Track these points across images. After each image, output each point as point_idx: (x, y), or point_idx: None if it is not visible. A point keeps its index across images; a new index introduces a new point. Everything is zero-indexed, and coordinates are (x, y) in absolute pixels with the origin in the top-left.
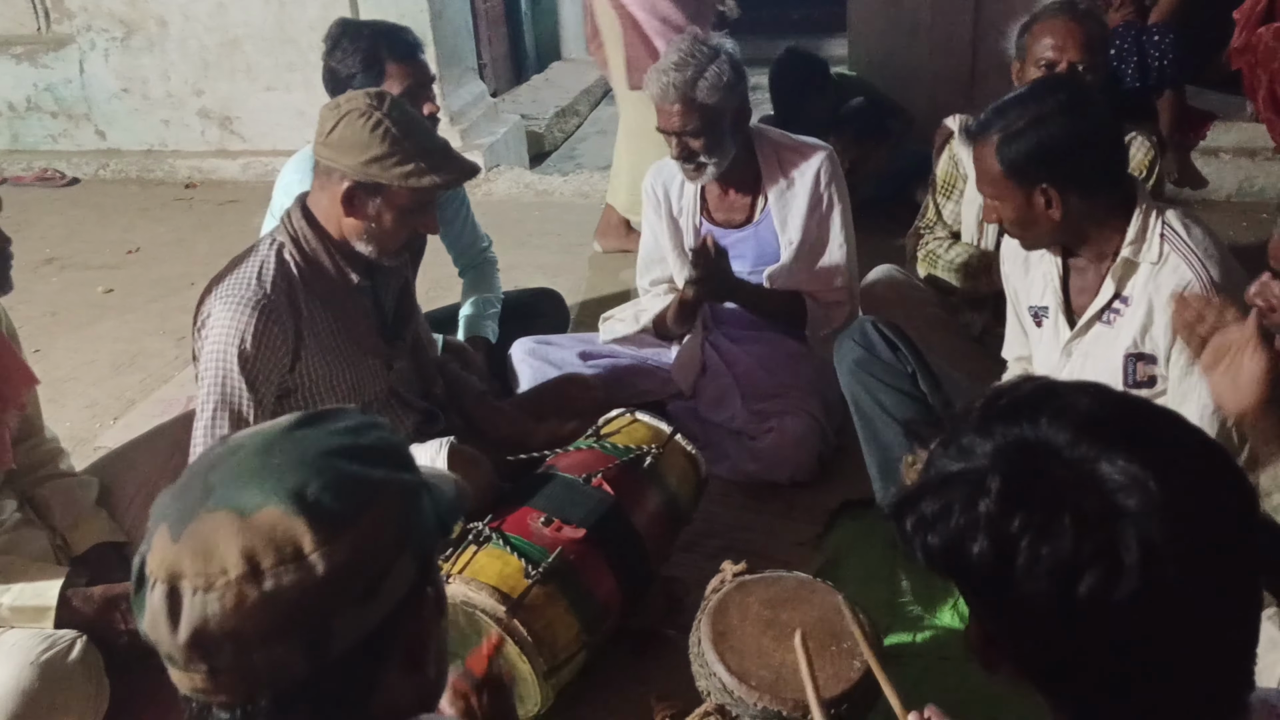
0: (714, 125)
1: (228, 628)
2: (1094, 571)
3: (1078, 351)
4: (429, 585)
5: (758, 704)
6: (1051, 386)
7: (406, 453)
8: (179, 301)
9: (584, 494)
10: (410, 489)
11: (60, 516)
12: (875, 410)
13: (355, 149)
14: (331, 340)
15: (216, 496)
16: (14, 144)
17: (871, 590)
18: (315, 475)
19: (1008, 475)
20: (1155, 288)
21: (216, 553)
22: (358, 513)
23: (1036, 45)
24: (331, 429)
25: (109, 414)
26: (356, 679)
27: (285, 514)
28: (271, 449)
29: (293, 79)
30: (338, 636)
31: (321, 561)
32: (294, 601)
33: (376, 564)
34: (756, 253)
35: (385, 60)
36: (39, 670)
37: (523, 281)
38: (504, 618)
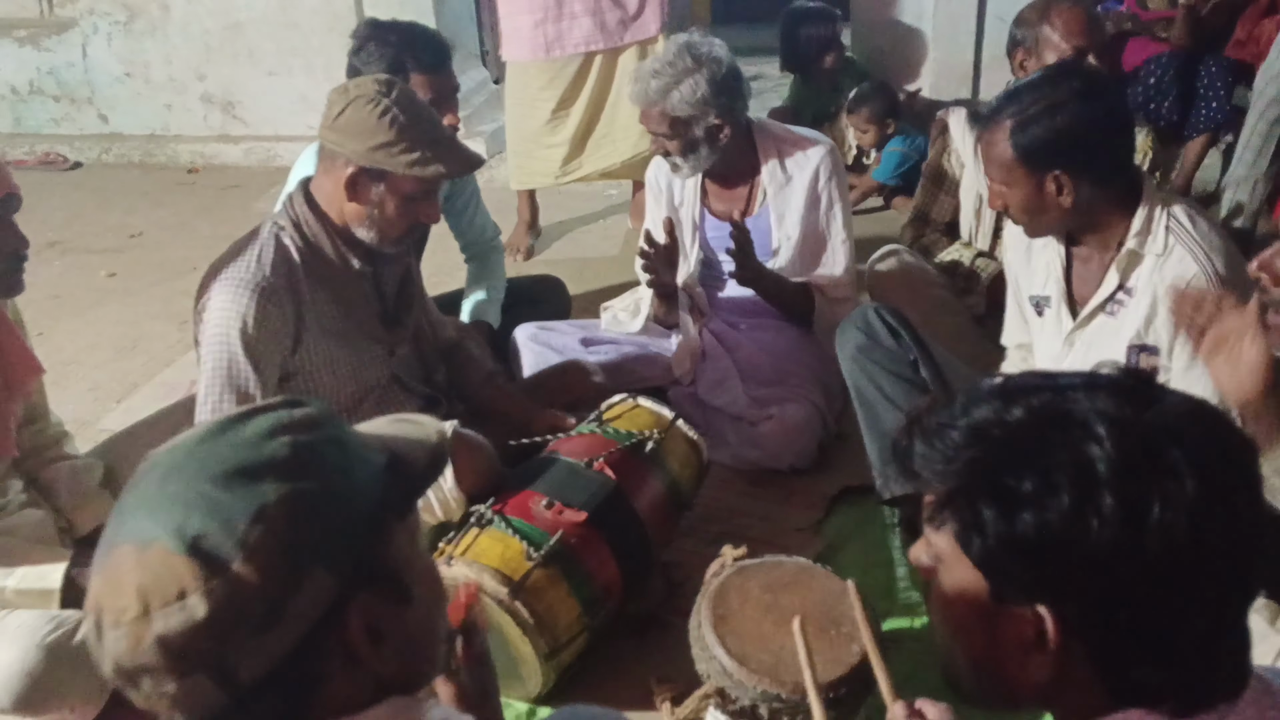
0: (685, 134)
1: (137, 663)
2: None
3: (1080, 342)
4: (365, 585)
5: (757, 687)
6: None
7: (317, 452)
8: (181, 285)
9: (586, 478)
10: (310, 499)
11: (65, 499)
12: (877, 397)
13: (362, 134)
14: (333, 325)
15: (126, 526)
16: (16, 127)
17: (870, 576)
18: (199, 506)
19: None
20: (1160, 279)
21: (121, 589)
22: (238, 546)
23: (1055, 34)
24: (237, 440)
25: (112, 397)
26: (286, 696)
27: (170, 552)
28: (172, 473)
29: (295, 64)
30: (242, 667)
31: (203, 603)
32: (184, 643)
33: (269, 594)
34: (755, 245)
35: (410, 70)
36: (45, 652)
37: (524, 268)
38: (506, 600)
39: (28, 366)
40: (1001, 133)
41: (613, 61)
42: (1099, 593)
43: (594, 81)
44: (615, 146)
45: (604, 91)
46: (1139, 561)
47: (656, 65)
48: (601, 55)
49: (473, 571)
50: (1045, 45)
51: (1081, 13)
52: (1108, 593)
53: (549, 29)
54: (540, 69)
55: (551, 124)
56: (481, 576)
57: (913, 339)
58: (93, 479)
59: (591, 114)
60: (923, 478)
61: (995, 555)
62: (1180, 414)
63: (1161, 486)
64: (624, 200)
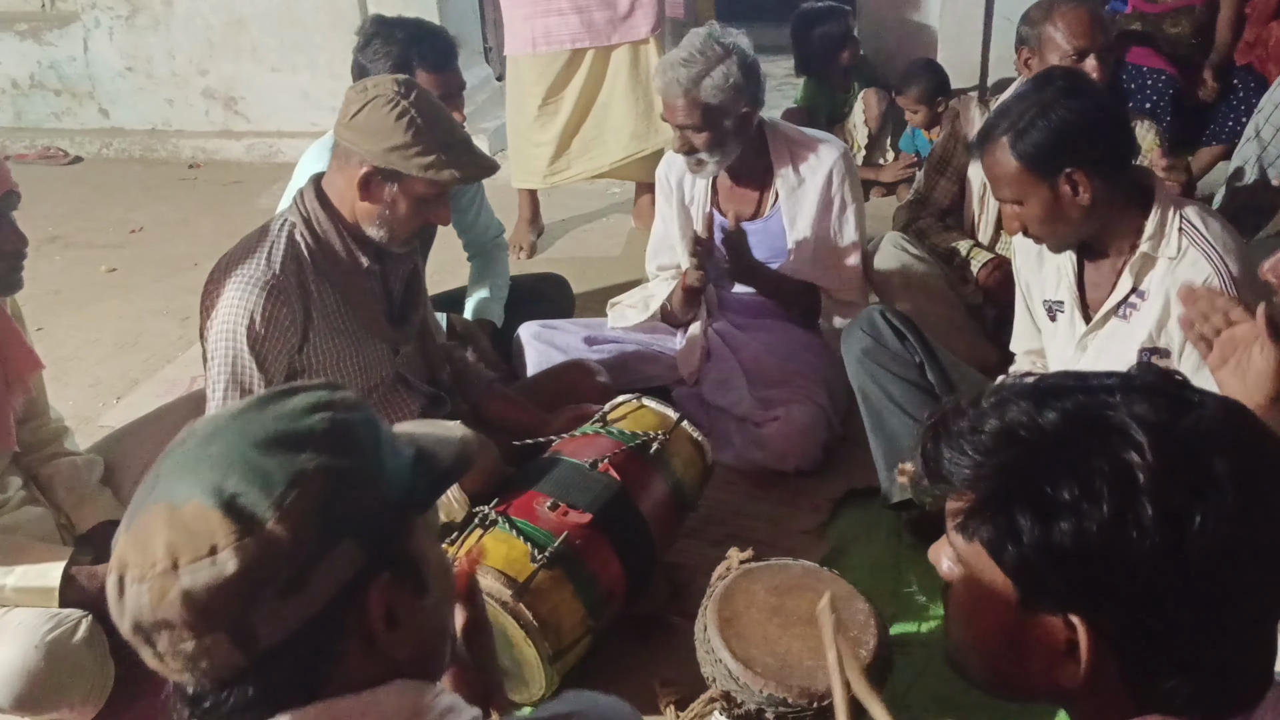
0: (716, 124)
1: (157, 618)
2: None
3: (1093, 346)
4: (388, 567)
5: (763, 690)
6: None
7: (355, 432)
8: (183, 282)
9: (590, 479)
10: (343, 475)
11: (64, 495)
12: (882, 400)
13: (378, 135)
14: (340, 323)
15: (160, 487)
16: (17, 121)
17: (876, 579)
18: (239, 468)
19: (1156, 437)
20: (1173, 282)
21: (150, 545)
22: (273, 507)
23: (1058, 34)
24: (279, 412)
25: (112, 393)
26: (301, 665)
27: (205, 508)
28: (214, 438)
29: (298, 60)
30: (262, 630)
31: (233, 559)
32: (209, 599)
33: (297, 559)
34: (766, 247)
35: (416, 67)
36: (45, 650)
37: (526, 267)
38: (510, 602)
39: (27, 361)
40: (1001, 150)
41: (604, 61)
42: (1135, 603)
43: (583, 80)
44: (606, 149)
45: (594, 91)
46: (1178, 572)
47: (684, 54)
48: (591, 53)
49: (477, 573)
50: (1048, 45)
51: (1085, 13)
52: (1144, 603)
53: (536, 24)
54: (531, 63)
55: (539, 120)
56: (485, 578)
57: (919, 342)
58: (92, 476)
59: (580, 113)
60: (948, 483)
61: (1030, 564)
62: (1219, 420)
63: (1203, 496)
64: (627, 199)
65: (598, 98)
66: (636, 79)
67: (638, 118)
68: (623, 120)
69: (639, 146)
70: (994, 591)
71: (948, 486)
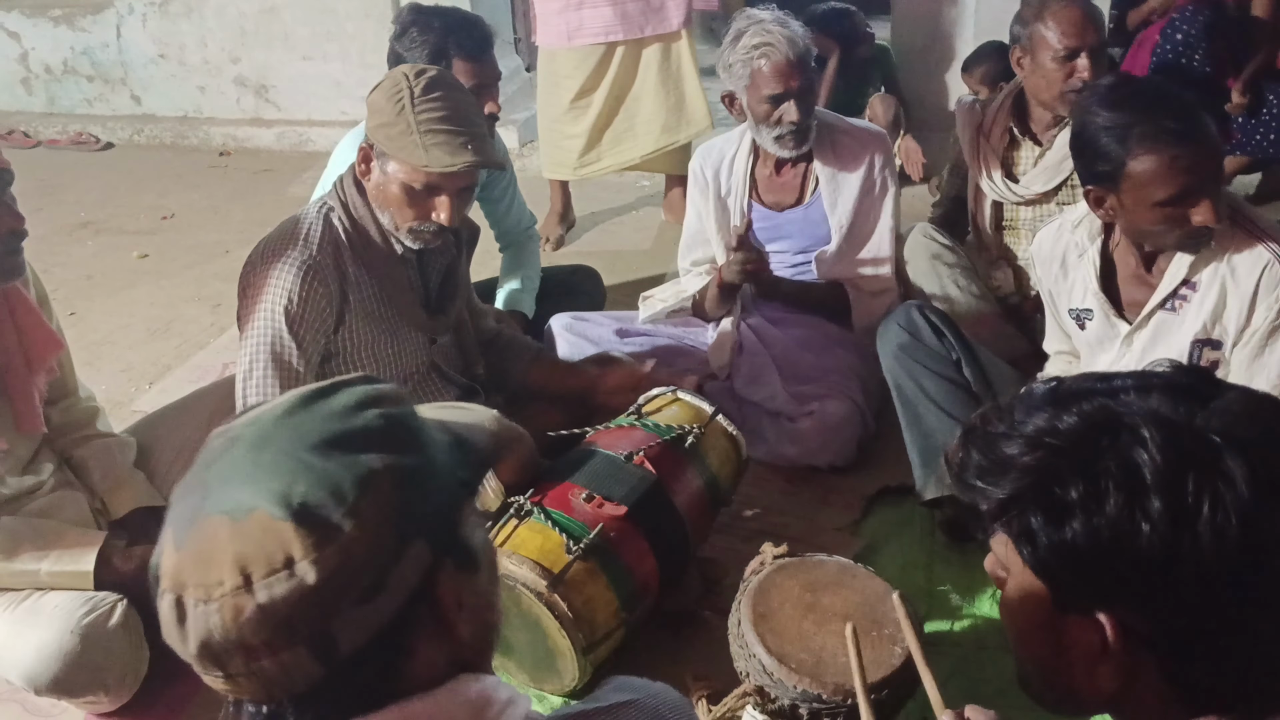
0: (815, 87)
1: (231, 639)
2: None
3: (1139, 341)
4: (450, 555)
5: (797, 686)
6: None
7: (409, 426)
8: (214, 269)
9: (626, 472)
10: (409, 473)
11: (99, 479)
12: (919, 396)
13: (374, 112)
14: (375, 308)
15: (212, 499)
16: (50, 107)
17: (909, 578)
18: (304, 474)
19: (1164, 433)
20: (1230, 269)
21: (213, 562)
22: (348, 515)
23: (1050, 33)
24: (327, 411)
25: (145, 379)
26: (377, 669)
27: (274, 519)
28: (264, 443)
29: (330, 49)
30: (343, 639)
31: (313, 570)
32: (290, 612)
33: (376, 562)
34: (805, 234)
35: (452, 57)
36: (80, 634)
37: (556, 259)
38: (544, 592)
39: (49, 343)
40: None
41: (636, 54)
42: (1157, 598)
43: (615, 72)
44: (636, 141)
45: (626, 84)
46: (1194, 565)
47: (769, 23)
48: (624, 47)
49: (512, 563)
50: (1040, 44)
51: (1078, 12)
52: (1166, 598)
53: (571, 16)
54: (565, 56)
55: (571, 113)
56: (520, 569)
57: (956, 339)
58: (127, 458)
59: (612, 106)
60: (978, 488)
61: (1049, 563)
62: (1235, 411)
63: (1212, 488)
64: (657, 192)
65: (630, 91)
66: (668, 72)
67: (668, 111)
68: (654, 113)
69: (669, 139)
70: (1031, 594)
71: (978, 493)
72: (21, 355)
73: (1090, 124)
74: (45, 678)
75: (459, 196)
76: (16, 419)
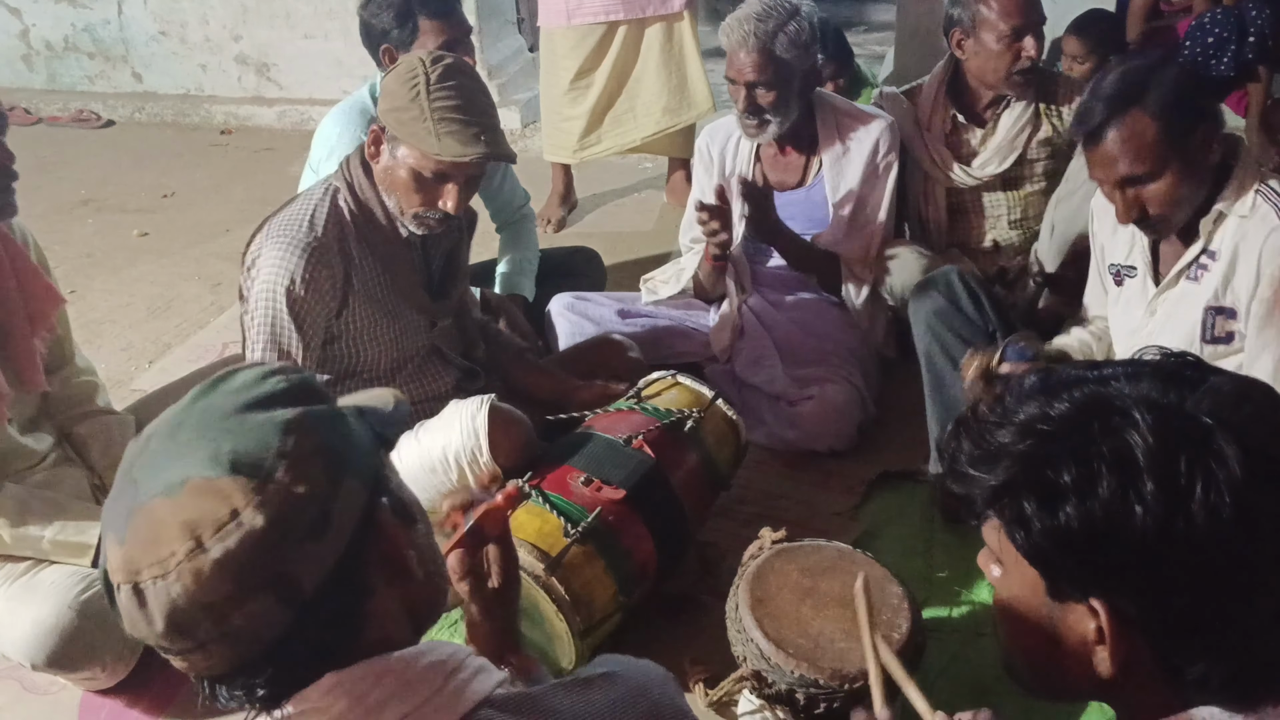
0: (785, 82)
1: (197, 602)
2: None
3: (1162, 309)
4: (383, 498)
5: (794, 671)
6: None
7: (316, 387)
8: (214, 247)
9: (625, 455)
10: (327, 417)
11: (99, 456)
12: (946, 366)
13: (387, 96)
14: (378, 290)
15: (143, 489)
16: (51, 84)
17: (908, 563)
18: (226, 436)
19: (1156, 416)
20: (1242, 236)
21: (161, 540)
22: (278, 456)
23: (992, 13)
24: (229, 389)
25: (145, 357)
26: (342, 609)
27: (210, 480)
28: (178, 428)
29: (332, 27)
30: (304, 577)
31: (259, 514)
32: (247, 559)
33: (316, 498)
34: (806, 216)
35: (419, 15)
36: (77, 610)
37: (557, 240)
38: (542, 575)
39: (48, 297)
40: (1134, 120)
41: (638, 35)
42: (1151, 581)
43: (616, 53)
44: (637, 123)
45: (628, 65)
46: (1188, 547)
47: (758, 9)
48: (625, 27)
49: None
50: (983, 25)
51: None
52: (1161, 581)
53: None
54: (564, 35)
55: (571, 94)
56: (518, 552)
57: (994, 308)
58: (126, 436)
59: (613, 88)
60: (971, 476)
61: (1043, 549)
62: (1225, 394)
63: (1204, 470)
64: (659, 174)
65: (631, 73)
66: (670, 54)
67: (670, 93)
68: (655, 95)
69: (670, 121)
70: (1025, 583)
71: (971, 482)
72: (23, 310)
73: None
74: (42, 654)
75: (466, 185)
76: (19, 374)
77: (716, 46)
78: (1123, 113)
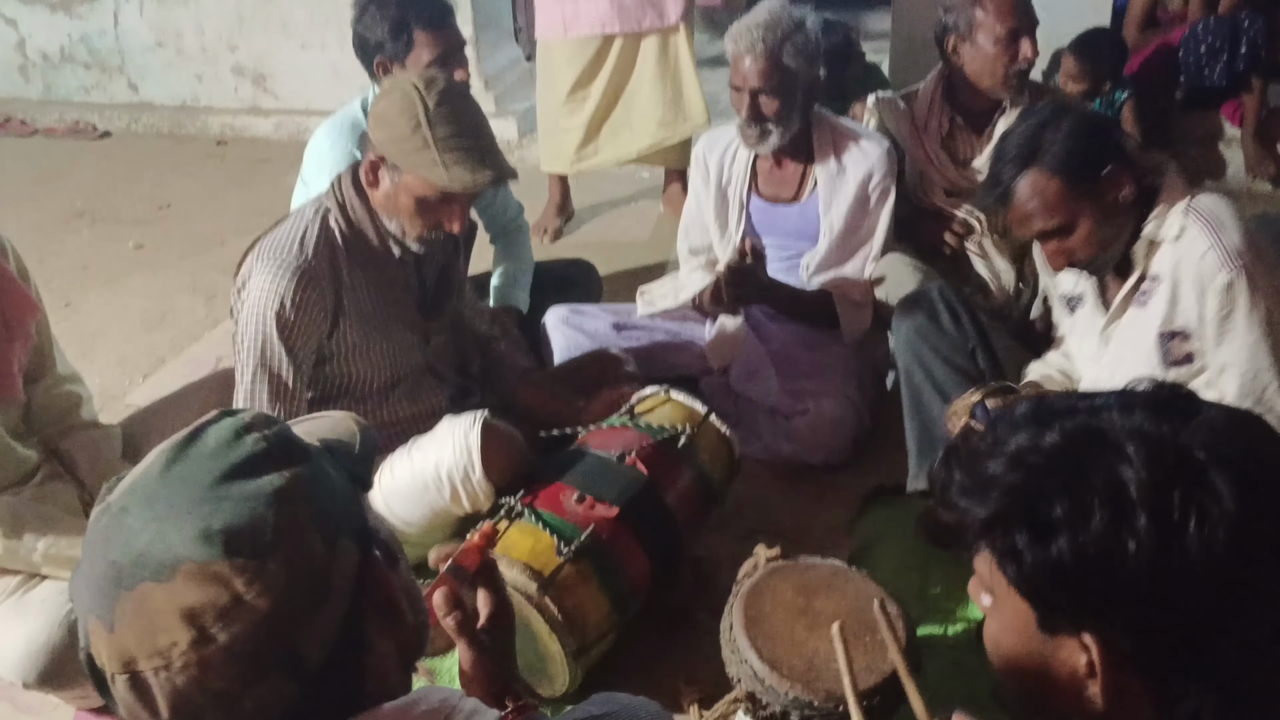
0: (790, 91)
1: (206, 690)
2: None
3: (1115, 337)
4: (374, 549)
5: (789, 693)
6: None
7: (294, 440)
8: (210, 259)
9: (618, 472)
10: (310, 479)
11: (87, 471)
12: (924, 383)
13: (385, 125)
14: (370, 310)
15: (126, 572)
16: (47, 94)
17: (903, 579)
18: (213, 511)
19: (1149, 449)
20: (1177, 260)
21: (158, 629)
22: (274, 532)
23: (988, 17)
24: (204, 453)
25: (139, 371)
26: (345, 669)
27: (204, 563)
28: (153, 500)
29: (329, 37)
30: (311, 649)
31: (263, 597)
32: (254, 643)
33: (315, 567)
34: (797, 231)
35: (413, 27)
36: (68, 627)
37: (553, 251)
38: (535, 595)
39: (24, 305)
40: (1035, 178)
41: (633, 48)
42: (1144, 616)
43: (612, 66)
44: (633, 135)
45: (623, 78)
46: (1181, 582)
47: (766, 18)
48: (621, 40)
49: (502, 565)
50: (978, 29)
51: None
52: (1154, 615)
53: (567, 7)
54: (561, 47)
55: (568, 106)
56: (511, 571)
57: (973, 325)
58: (114, 450)
59: (609, 100)
60: (961, 507)
61: (1034, 582)
62: (1218, 427)
63: (1198, 503)
64: (656, 184)
65: (627, 85)
66: (665, 67)
67: (665, 105)
68: (651, 108)
69: (666, 134)
70: (1016, 614)
71: (962, 513)
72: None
73: None
74: (34, 672)
75: (467, 203)
76: None
77: (713, 56)
78: (1023, 174)
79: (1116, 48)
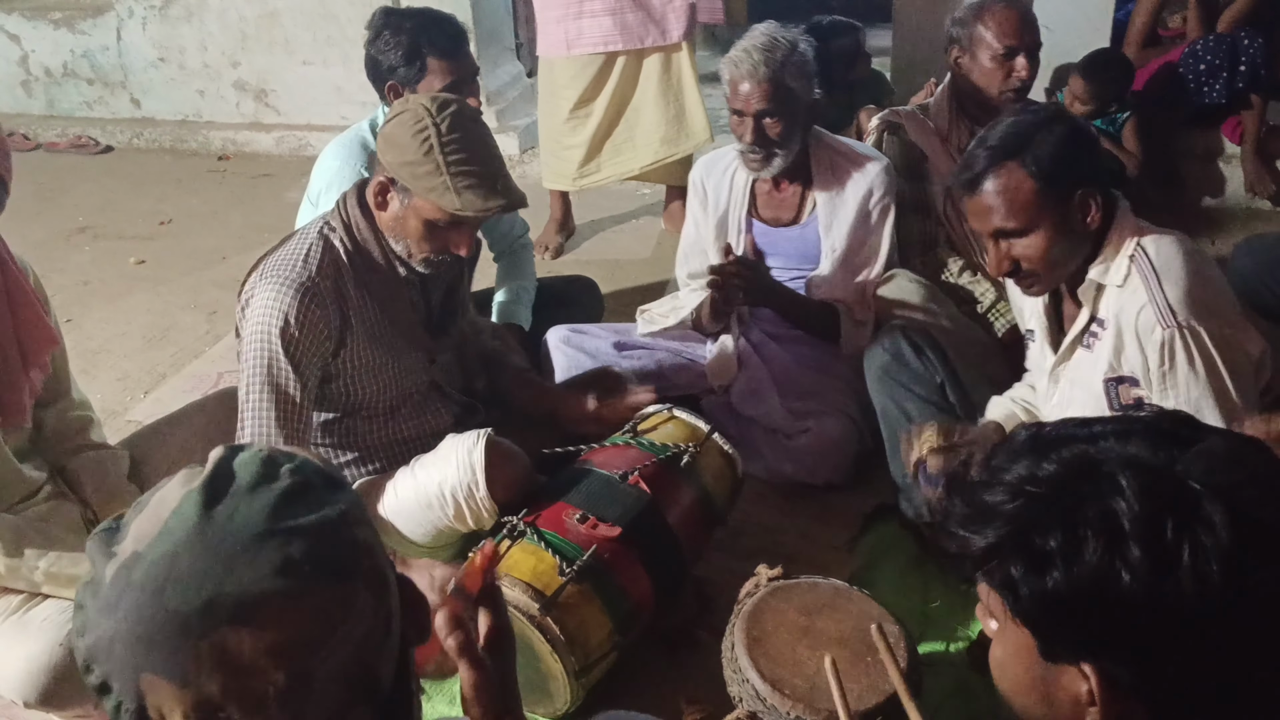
0: (793, 112)
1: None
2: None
3: (1064, 377)
4: (389, 564)
5: (791, 713)
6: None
7: (320, 466)
8: (211, 275)
9: (620, 492)
10: (352, 505)
11: (92, 491)
12: (900, 420)
13: (396, 148)
14: (377, 330)
15: (197, 623)
16: (50, 109)
17: (905, 597)
18: (284, 543)
19: (1143, 479)
20: (1120, 308)
21: (247, 671)
22: (353, 555)
23: (989, 33)
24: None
25: (140, 387)
26: (403, 690)
27: (289, 596)
28: (207, 544)
29: (331, 54)
30: (386, 673)
31: (356, 622)
32: (347, 671)
33: (388, 587)
34: (800, 253)
35: (427, 55)
36: (69, 646)
37: (555, 268)
38: (537, 615)
39: (44, 337)
40: (1011, 172)
41: (636, 65)
42: (1141, 647)
43: (615, 83)
44: (636, 152)
45: (626, 95)
46: (1177, 614)
47: (763, 41)
48: (624, 58)
49: (504, 585)
50: (979, 44)
51: (1015, 13)
52: (1151, 647)
53: (570, 25)
54: (564, 65)
55: (571, 123)
56: (513, 591)
57: (940, 360)
58: (119, 471)
59: (612, 117)
60: (961, 536)
61: (1031, 613)
62: (1217, 456)
63: (1191, 535)
64: (657, 201)
65: (630, 102)
66: (668, 84)
67: (668, 123)
68: (653, 125)
69: (669, 151)
70: (1018, 641)
71: (962, 542)
72: (16, 346)
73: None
74: (34, 690)
75: (476, 227)
76: (2, 409)
77: (715, 73)
78: (1001, 165)
79: (1125, 70)
